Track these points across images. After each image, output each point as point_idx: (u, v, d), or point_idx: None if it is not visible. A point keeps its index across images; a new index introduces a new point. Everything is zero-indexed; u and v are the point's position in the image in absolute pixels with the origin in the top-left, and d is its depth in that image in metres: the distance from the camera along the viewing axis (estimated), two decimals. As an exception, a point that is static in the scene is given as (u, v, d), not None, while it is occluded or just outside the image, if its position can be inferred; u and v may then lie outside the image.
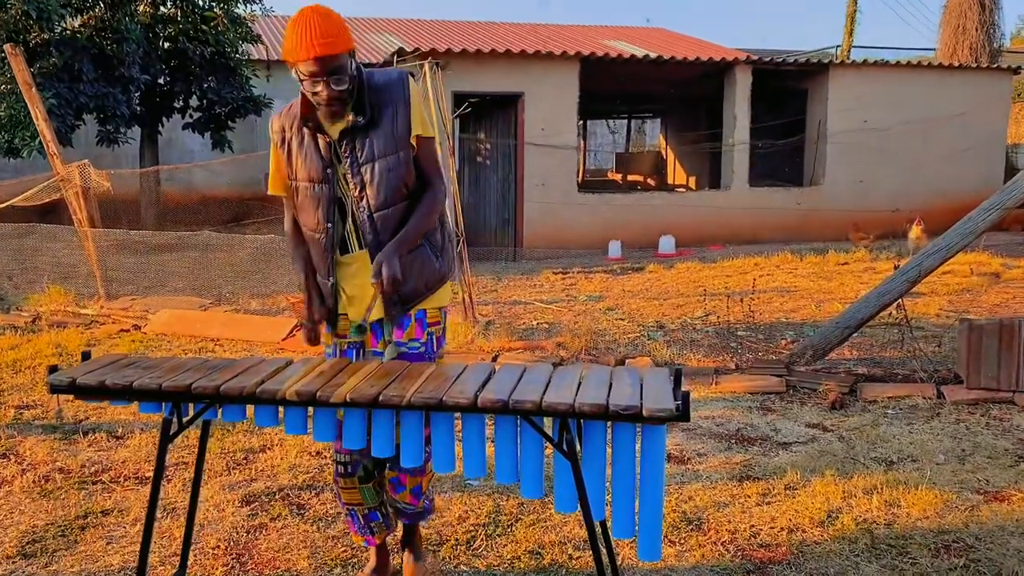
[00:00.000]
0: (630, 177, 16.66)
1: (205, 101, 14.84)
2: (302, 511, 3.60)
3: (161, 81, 14.63)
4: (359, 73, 2.58)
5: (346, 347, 2.74)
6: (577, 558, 3.17)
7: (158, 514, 3.57)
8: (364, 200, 2.61)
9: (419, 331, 2.71)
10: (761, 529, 3.40)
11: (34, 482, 3.93)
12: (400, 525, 3.05)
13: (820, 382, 5.28)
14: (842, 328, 5.41)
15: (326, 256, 2.67)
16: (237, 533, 3.40)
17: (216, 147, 15.14)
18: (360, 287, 2.68)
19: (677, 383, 2.42)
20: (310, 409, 2.40)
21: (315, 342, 2.69)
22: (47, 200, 8.42)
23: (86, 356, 2.62)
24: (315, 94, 2.49)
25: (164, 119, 15.22)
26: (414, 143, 2.65)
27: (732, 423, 4.70)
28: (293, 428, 2.43)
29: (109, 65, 12.83)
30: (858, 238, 11.42)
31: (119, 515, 3.58)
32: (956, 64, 14.55)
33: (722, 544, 3.27)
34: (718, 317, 7.14)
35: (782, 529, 3.39)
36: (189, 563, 3.04)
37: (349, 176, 2.62)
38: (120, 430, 4.66)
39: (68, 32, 12.79)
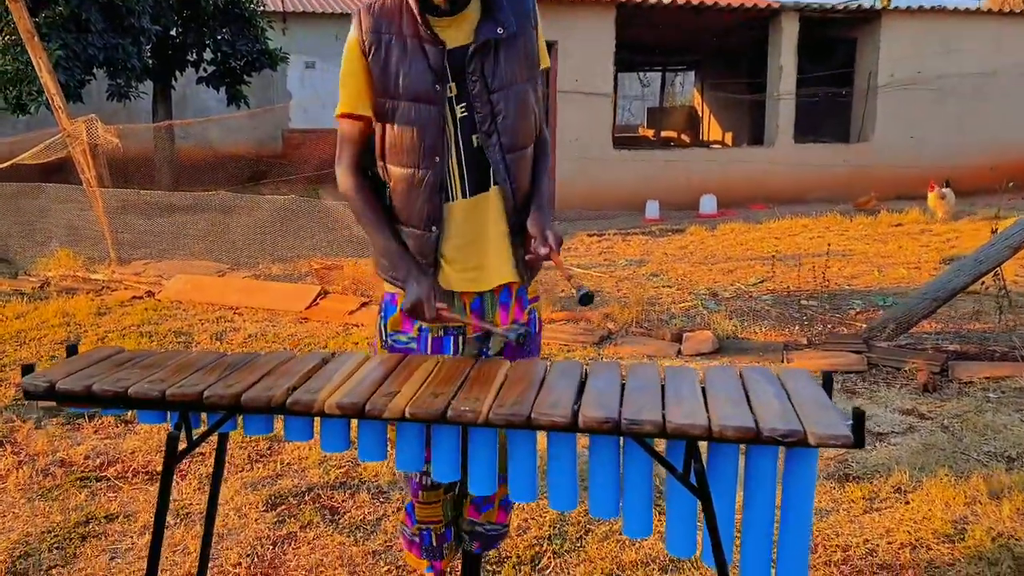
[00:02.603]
0: (663, 133, 15.92)
1: (219, 54, 14.19)
2: (336, 517, 3.11)
3: (173, 32, 13.99)
4: None
5: (441, 334, 2.15)
6: (665, 583, 2.66)
7: (170, 520, 3.10)
8: (495, 137, 2.06)
9: (519, 311, 2.20)
10: (877, 545, 2.87)
11: (31, 478, 3.46)
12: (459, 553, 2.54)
13: (906, 360, 4.72)
14: (930, 299, 4.83)
15: (432, 199, 2.07)
16: (262, 545, 2.92)
17: (231, 103, 14.52)
18: (472, 244, 2.11)
19: (828, 389, 1.88)
20: (354, 420, 1.88)
21: (433, 313, 2.04)
22: (53, 158, 7.90)
23: (71, 351, 2.10)
24: None
25: (177, 73, 14.61)
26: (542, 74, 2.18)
27: (815, 409, 4.15)
28: (332, 445, 1.92)
29: (118, 15, 12.20)
30: (864, 203, 10.72)
31: (125, 521, 3.11)
32: (1018, 11, 13.66)
33: (835, 566, 2.75)
34: (787, 284, 6.56)
35: (903, 545, 2.87)
36: (206, 585, 2.56)
37: (477, 104, 2.05)
38: (130, 413, 4.17)
39: (75, -20, 12.16)
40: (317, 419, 1.88)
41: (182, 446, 1.90)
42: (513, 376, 1.91)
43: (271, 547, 2.91)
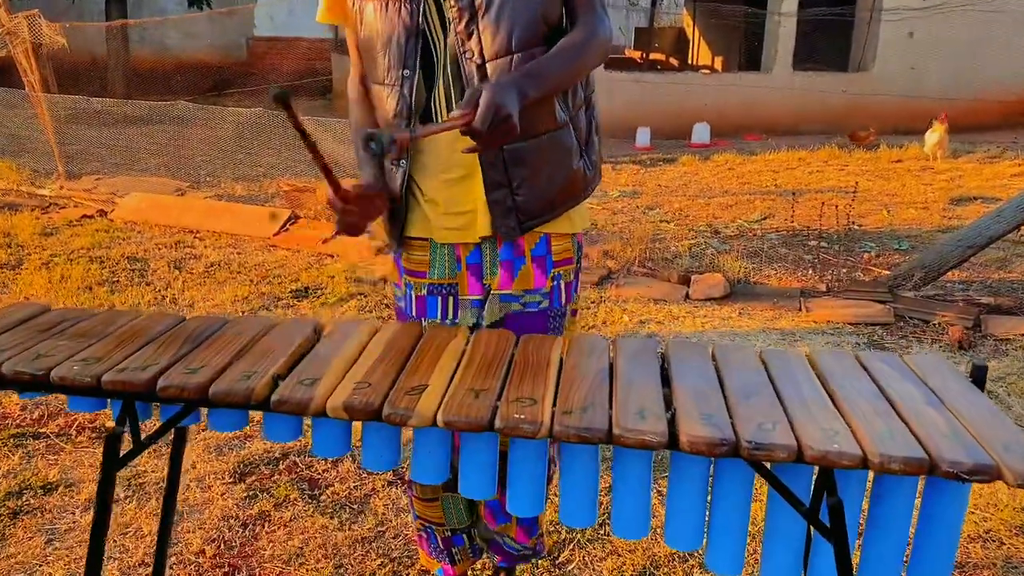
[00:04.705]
0: (651, 56, 15.18)
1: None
2: (316, 492, 2.66)
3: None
4: None
5: (424, 292, 1.70)
6: (709, 586, 2.27)
7: (120, 493, 2.63)
8: (473, 38, 1.54)
9: (540, 276, 1.68)
10: (943, 538, 2.50)
11: (-45, 434, 2.96)
12: (485, 559, 2.11)
13: (935, 312, 4.34)
14: (965, 246, 4.44)
15: (398, 124, 1.59)
16: (231, 529, 2.47)
17: (192, 5, 13.52)
18: (454, 184, 1.62)
19: (980, 387, 1.45)
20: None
21: (356, 231, 1.59)
22: (-9, 58, 7.13)
23: (-21, 309, 1.59)
24: None
25: (132, -30, 13.54)
26: None
27: (846, 367, 3.76)
28: (327, 450, 1.45)
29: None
30: (863, 137, 10.24)
31: (66, 492, 2.63)
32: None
33: (902, 565, 2.37)
34: (793, 223, 6.11)
35: (972, 539, 2.51)
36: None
37: (450, 1, 1.54)
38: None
39: None
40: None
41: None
42: (571, 363, 1.44)
43: (240, 530, 2.47)
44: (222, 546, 2.38)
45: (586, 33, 1.56)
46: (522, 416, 1.23)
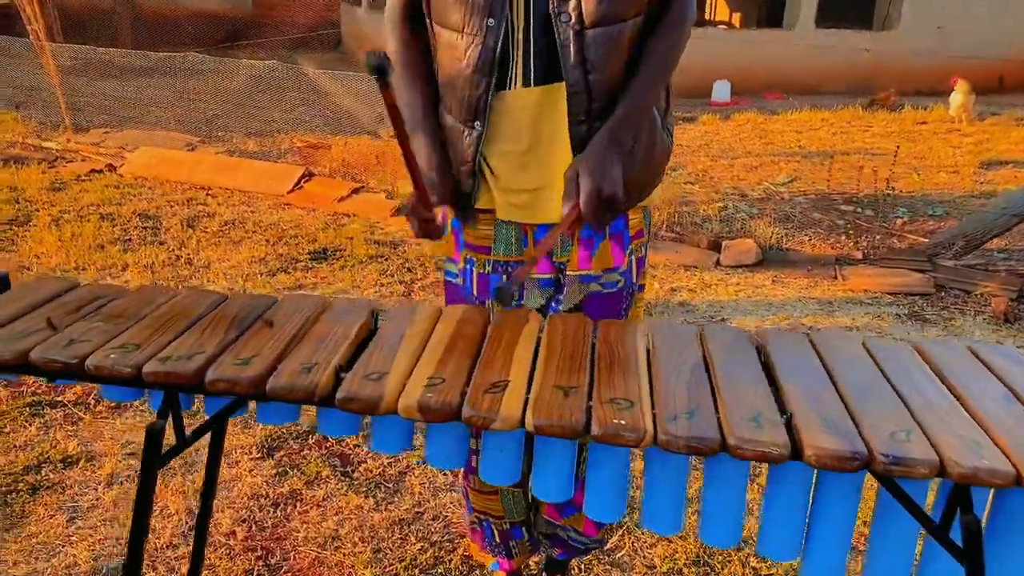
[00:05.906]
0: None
1: None
2: (348, 470, 2.55)
3: None
4: None
5: (488, 270, 1.56)
6: (768, 577, 2.16)
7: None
8: (572, 1, 1.36)
9: (619, 253, 1.55)
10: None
11: (-31, 402, 2.84)
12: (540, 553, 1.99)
13: (977, 282, 4.19)
14: (1010, 215, 4.27)
15: (477, 80, 1.42)
16: (261, 508, 2.35)
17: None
18: (514, 157, 1.47)
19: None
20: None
21: (436, 235, 1.47)
22: (-6, 4, 6.89)
23: (1, 284, 1.44)
24: None
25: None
26: None
27: (889, 341, 3.62)
28: (388, 445, 1.31)
29: None
30: (883, 98, 9.96)
31: (87, 467, 2.51)
32: None
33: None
34: (821, 186, 5.93)
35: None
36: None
37: None
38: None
39: None
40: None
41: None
42: (659, 355, 1.30)
43: (272, 510, 2.35)
44: (253, 527, 2.27)
45: (674, 29, 1.44)
46: (622, 422, 1.09)
